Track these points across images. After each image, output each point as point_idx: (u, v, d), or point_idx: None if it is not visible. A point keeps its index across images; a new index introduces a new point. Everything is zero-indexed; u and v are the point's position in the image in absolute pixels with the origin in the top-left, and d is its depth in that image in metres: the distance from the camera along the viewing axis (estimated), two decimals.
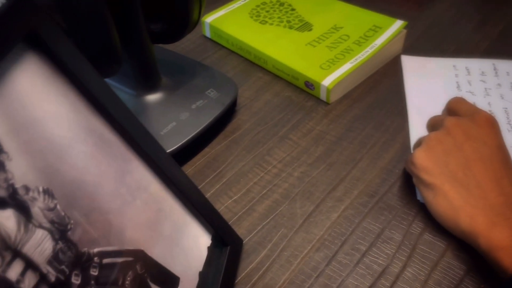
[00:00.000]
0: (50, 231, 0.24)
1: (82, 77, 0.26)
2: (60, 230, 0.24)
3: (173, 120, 0.45)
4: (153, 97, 0.47)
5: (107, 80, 0.48)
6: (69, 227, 0.25)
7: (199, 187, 0.43)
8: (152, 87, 0.47)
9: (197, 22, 0.46)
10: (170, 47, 0.55)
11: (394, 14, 0.59)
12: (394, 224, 0.40)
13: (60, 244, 0.24)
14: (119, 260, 0.27)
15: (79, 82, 0.26)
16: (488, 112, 0.49)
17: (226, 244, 0.36)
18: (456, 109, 0.42)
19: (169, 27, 0.45)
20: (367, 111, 0.51)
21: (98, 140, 0.28)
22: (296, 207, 0.41)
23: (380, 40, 0.55)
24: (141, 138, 0.30)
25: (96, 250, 0.26)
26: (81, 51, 0.27)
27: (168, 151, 0.43)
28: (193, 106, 0.47)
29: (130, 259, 0.28)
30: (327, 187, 0.43)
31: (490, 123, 0.39)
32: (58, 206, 0.24)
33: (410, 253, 0.37)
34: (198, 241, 0.34)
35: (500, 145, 0.38)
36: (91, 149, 0.27)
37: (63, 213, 0.24)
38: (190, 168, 0.45)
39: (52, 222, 0.24)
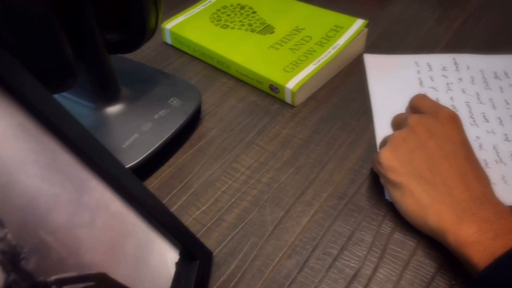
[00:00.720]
0: (1, 263, 0.22)
1: (29, 96, 0.25)
2: (12, 261, 0.23)
3: (135, 132, 0.44)
4: (113, 109, 0.45)
5: (64, 94, 0.46)
6: (22, 256, 0.23)
7: (166, 199, 0.42)
8: (111, 99, 0.46)
9: (155, 29, 0.44)
10: (129, 56, 0.53)
11: (356, 13, 0.60)
12: (364, 225, 0.39)
13: (13, 276, 0.22)
14: (80, 286, 0.26)
15: (26, 101, 0.25)
16: (450, 107, 0.50)
17: (195, 258, 0.35)
18: (419, 106, 0.42)
19: (125, 37, 0.43)
20: (333, 112, 0.50)
21: (51, 160, 0.26)
22: (266, 214, 0.41)
23: (342, 40, 0.55)
24: (97, 155, 0.29)
25: (53, 277, 0.25)
26: (32, 67, 0.25)
27: (131, 164, 0.42)
28: (156, 116, 0.45)
29: (91, 283, 0.27)
30: (296, 191, 0.42)
31: (453, 120, 0.39)
32: (8, 236, 0.23)
33: (381, 254, 0.37)
34: (165, 257, 0.33)
35: (463, 141, 0.38)
36: (43, 171, 0.26)
37: (14, 242, 0.23)
38: (155, 180, 0.44)
39: (2, 253, 0.22)
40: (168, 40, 0.61)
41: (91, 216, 0.28)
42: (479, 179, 0.36)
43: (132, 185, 0.31)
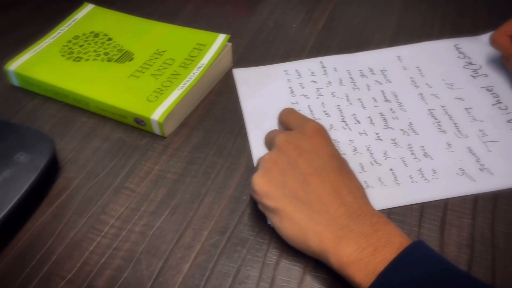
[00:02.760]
0: None
1: None
2: None
3: None
4: None
5: None
6: None
7: (23, 276, 0.36)
8: None
9: None
10: None
11: (221, 26, 0.57)
12: (250, 259, 0.37)
13: None
14: None
15: None
16: (322, 113, 0.49)
17: None
18: (287, 122, 0.41)
19: None
20: (207, 137, 0.47)
21: None
22: (142, 268, 0.36)
23: (206, 59, 0.52)
24: None
25: None
26: None
27: None
28: None
29: None
30: (174, 235, 0.39)
31: (319, 132, 0.38)
32: None
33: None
34: None
35: (332, 153, 0.37)
36: None
37: None
38: (7, 256, 0.37)
39: None
40: (15, 82, 0.54)
41: None
42: (353, 191, 0.35)
43: None
